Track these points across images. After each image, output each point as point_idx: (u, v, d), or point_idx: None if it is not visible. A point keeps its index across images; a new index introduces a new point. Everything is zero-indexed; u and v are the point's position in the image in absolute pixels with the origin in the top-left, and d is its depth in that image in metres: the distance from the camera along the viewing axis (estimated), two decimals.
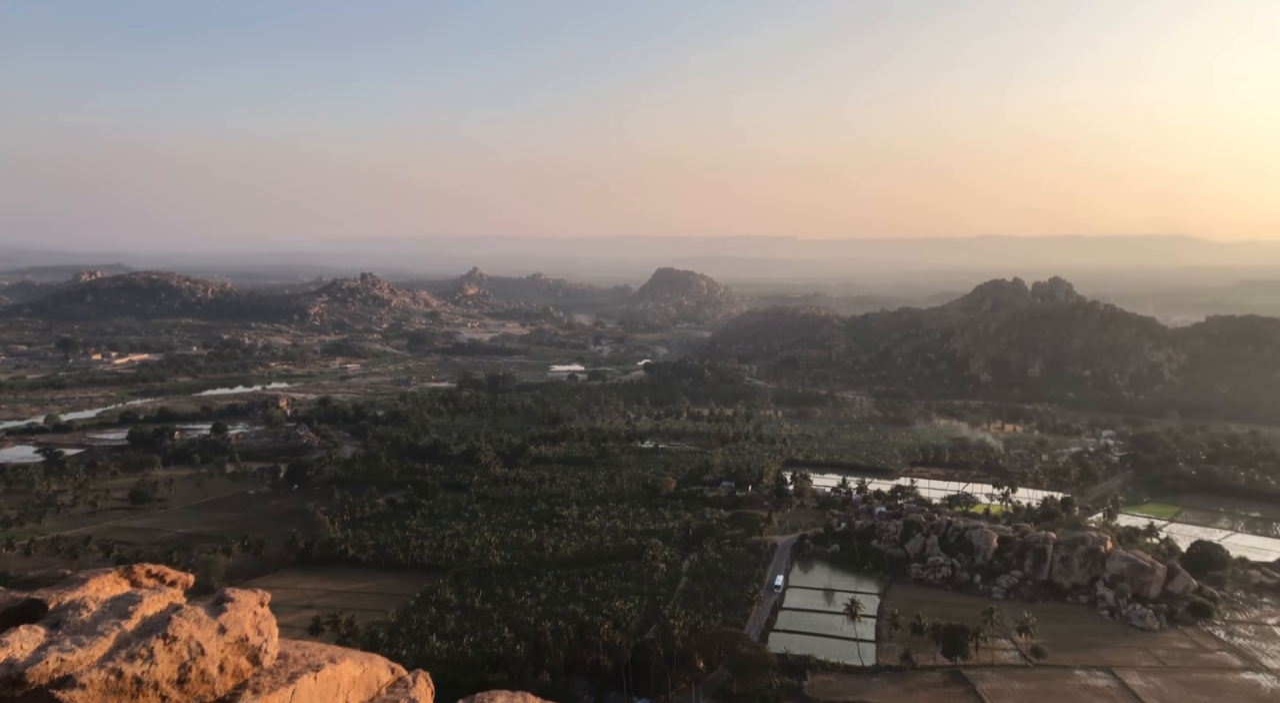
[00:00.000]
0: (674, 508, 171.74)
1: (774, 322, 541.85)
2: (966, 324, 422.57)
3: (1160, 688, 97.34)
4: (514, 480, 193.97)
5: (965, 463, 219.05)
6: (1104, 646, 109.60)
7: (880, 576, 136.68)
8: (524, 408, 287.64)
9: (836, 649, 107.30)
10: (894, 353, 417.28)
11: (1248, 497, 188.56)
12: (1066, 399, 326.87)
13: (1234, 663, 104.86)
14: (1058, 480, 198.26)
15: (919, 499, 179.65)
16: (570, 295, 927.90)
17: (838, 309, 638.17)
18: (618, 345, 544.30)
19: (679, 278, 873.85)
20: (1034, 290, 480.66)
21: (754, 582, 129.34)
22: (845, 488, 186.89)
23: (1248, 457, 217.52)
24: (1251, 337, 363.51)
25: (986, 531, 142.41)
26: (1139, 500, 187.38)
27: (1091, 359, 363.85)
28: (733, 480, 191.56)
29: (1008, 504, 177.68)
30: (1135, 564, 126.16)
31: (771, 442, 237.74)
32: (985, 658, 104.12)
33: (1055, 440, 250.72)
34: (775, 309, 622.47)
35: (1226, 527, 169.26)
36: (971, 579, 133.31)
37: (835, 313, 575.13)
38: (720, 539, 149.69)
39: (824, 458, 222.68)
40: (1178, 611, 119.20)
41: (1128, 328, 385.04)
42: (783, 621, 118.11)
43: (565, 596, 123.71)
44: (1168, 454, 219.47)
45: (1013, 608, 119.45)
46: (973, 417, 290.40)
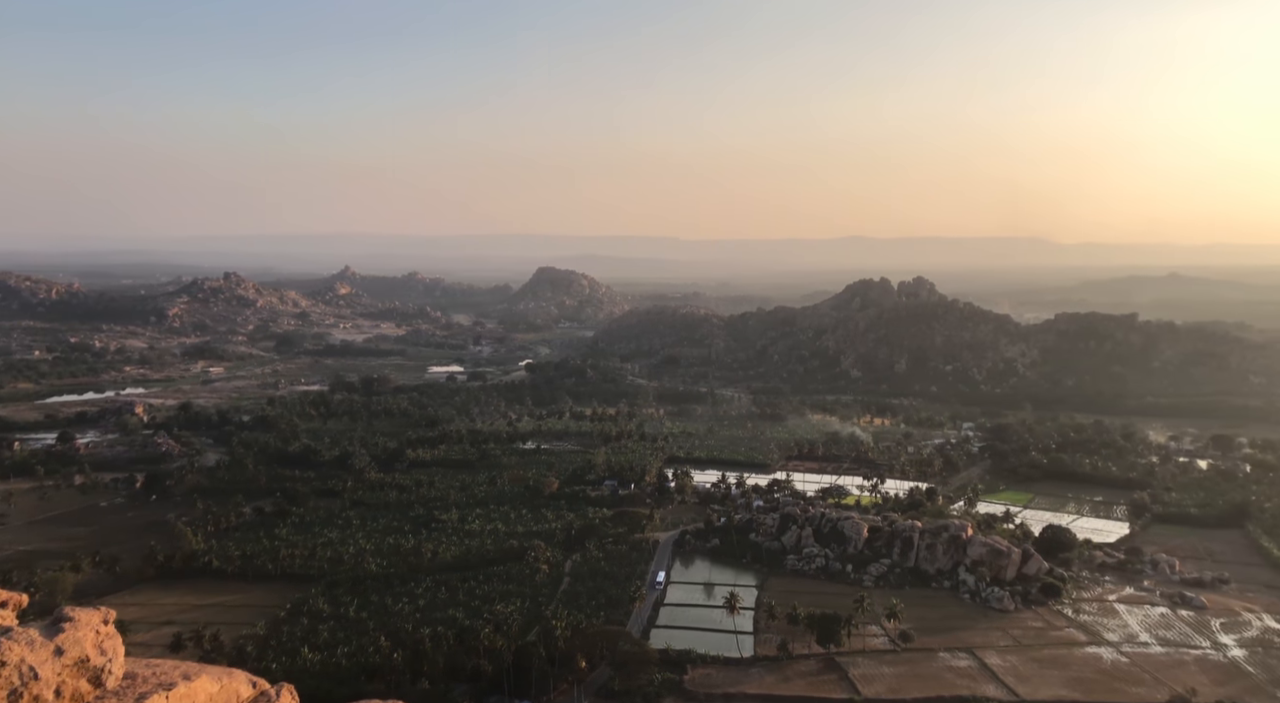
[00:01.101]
0: (557, 509, 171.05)
1: (655, 321, 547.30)
2: (837, 322, 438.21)
3: (1015, 666, 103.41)
4: (390, 485, 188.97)
5: (838, 456, 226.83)
6: (966, 628, 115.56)
7: (758, 568, 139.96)
8: (400, 411, 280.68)
9: (716, 642, 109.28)
10: (770, 351, 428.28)
11: (1092, 482, 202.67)
12: (930, 393, 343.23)
13: (1080, 638, 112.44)
14: (923, 471, 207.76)
15: (795, 493, 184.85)
16: (448, 295, 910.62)
17: (716, 308, 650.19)
18: (498, 346, 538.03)
19: (561, 277, 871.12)
20: (899, 289, 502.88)
21: (636, 580, 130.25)
22: (725, 483, 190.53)
23: (1092, 445, 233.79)
24: (1094, 333, 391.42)
25: (858, 521, 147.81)
26: (996, 488, 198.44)
27: (952, 355, 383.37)
28: (616, 479, 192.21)
29: (877, 495, 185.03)
30: (993, 549, 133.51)
31: (654, 440, 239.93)
32: (857, 645, 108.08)
33: (920, 433, 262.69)
34: (656, 308, 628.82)
35: (1074, 511, 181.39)
36: (844, 568, 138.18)
37: (714, 312, 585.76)
38: (603, 538, 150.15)
39: (704, 455, 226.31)
40: (1031, 592, 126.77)
41: (985, 325, 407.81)
42: (664, 616, 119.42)
43: (445, 601, 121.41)
44: (1022, 444, 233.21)
45: (882, 595, 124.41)
46: (844, 411, 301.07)
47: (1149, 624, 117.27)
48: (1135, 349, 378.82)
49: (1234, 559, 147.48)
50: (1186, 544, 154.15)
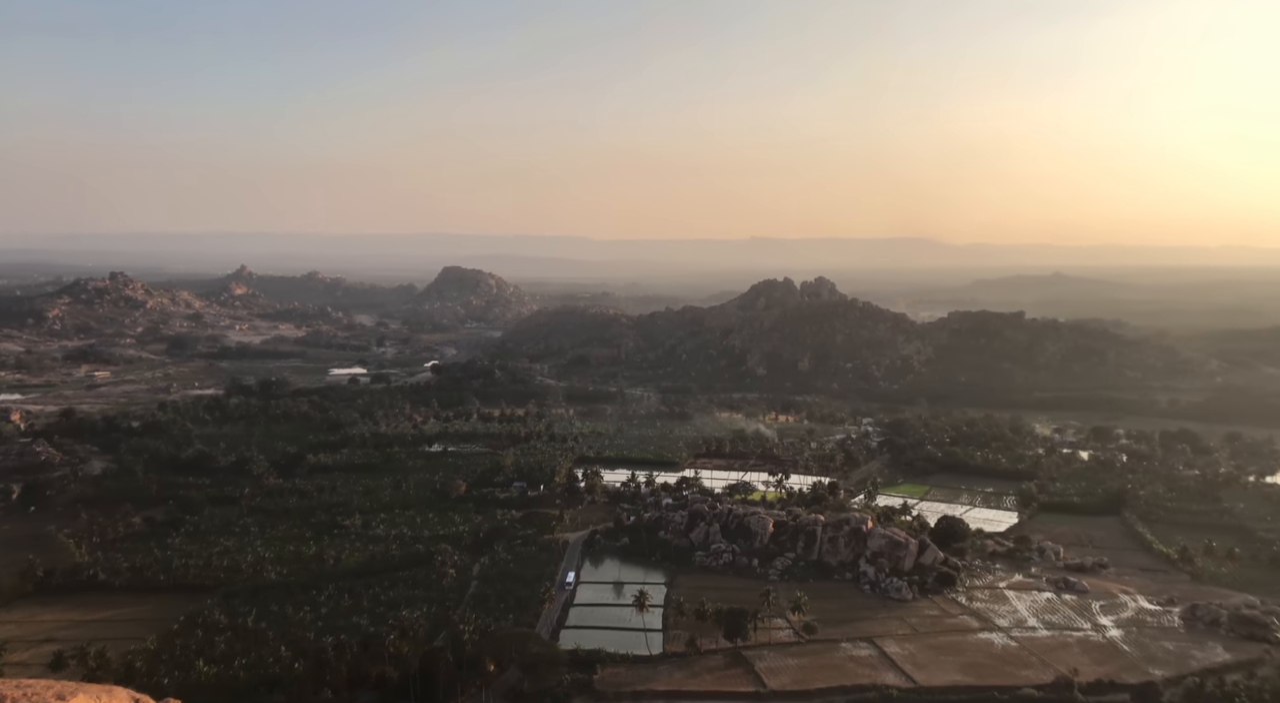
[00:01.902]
0: (464, 512, 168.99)
1: (565, 321, 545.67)
2: (744, 322, 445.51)
3: (913, 653, 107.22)
4: (291, 491, 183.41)
5: (744, 453, 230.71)
6: (866, 618, 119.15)
7: (668, 566, 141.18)
8: (301, 414, 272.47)
9: (626, 641, 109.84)
10: (679, 350, 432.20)
11: (983, 474, 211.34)
12: (832, 390, 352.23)
13: (973, 625, 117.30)
14: (825, 466, 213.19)
15: (703, 490, 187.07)
16: (350, 295, 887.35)
17: (626, 308, 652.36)
18: (403, 347, 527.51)
19: (467, 277, 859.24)
20: (802, 289, 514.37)
21: (546, 581, 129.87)
22: (635, 482, 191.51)
23: (983, 438, 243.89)
24: (984, 330, 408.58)
25: (763, 516, 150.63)
26: (894, 482, 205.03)
27: (853, 353, 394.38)
28: (525, 481, 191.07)
29: (782, 491, 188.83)
30: (892, 541, 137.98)
31: (563, 440, 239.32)
32: (763, 638, 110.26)
33: (823, 429, 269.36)
34: (566, 308, 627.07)
35: (967, 502, 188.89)
36: (750, 563, 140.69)
37: (624, 312, 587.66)
38: (512, 540, 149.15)
39: (614, 454, 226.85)
40: (928, 581, 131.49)
41: (883, 324, 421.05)
42: (574, 617, 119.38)
43: (349, 609, 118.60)
44: (918, 439, 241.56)
45: (787, 588, 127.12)
46: (750, 409, 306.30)
47: (1036, 609, 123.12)
48: (1022, 346, 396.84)
49: (1112, 545, 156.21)
50: (1069, 532, 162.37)
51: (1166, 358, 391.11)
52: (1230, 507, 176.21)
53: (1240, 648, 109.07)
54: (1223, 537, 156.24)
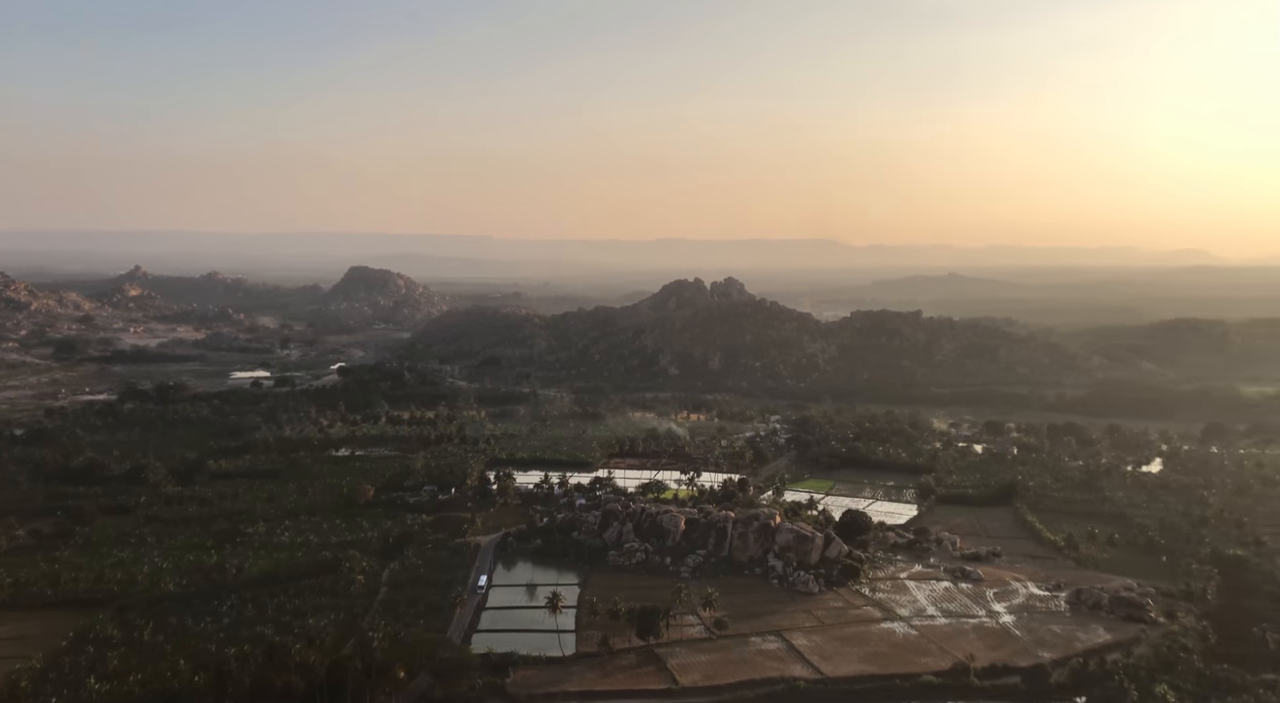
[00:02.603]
0: (373, 517, 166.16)
1: (476, 321, 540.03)
2: (655, 322, 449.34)
3: (820, 645, 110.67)
4: (190, 499, 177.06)
5: (657, 452, 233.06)
6: (775, 612, 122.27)
7: (581, 566, 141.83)
8: (200, 419, 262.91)
9: (539, 643, 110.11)
10: (592, 350, 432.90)
11: (885, 468, 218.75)
12: (742, 388, 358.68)
13: (876, 615, 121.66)
14: (735, 463, 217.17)
15: (616, 489, 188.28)
16: (252, 296, 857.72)
17: (538, 309, 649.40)
18: (308, 349, 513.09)
19: (375, 277, 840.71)
20: (712, 289, 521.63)
21: (458, 585, 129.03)
22: (548, 483, 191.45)
23: (884, 434, 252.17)
24: (885, 329, 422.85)
25: (676, 514, 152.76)
26: (801, 477, 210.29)
27: (761, 351, 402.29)
28: (436, 484, 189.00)
29: (693, 488, 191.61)
30: (799, 535, 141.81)
31: (475, 442, 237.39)
32: (675, 635, 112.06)
33: (733, 427, 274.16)
34: (477, 309, 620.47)
35: (870, 496, 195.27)
36: (663, 561, 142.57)
37: (536, 312, 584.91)
38: (423, 545, 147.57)
39: (527, 455, 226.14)
40: (833, 573, 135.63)
41: (789, 323, 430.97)
42: (486, 620, 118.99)
43: (252, 619, 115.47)
44: (823, 435, 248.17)
45: (699, 585, 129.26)
46: (662, 408, 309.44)
47: (935, 598, 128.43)
48: (920, 344, 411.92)
49: (1004, 534, 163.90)
50: (965, 522, 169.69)
51: (1053, 355, 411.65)
52: (1110, 495, 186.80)
53: (1120, 629, 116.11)
54: (1104, 524, 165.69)
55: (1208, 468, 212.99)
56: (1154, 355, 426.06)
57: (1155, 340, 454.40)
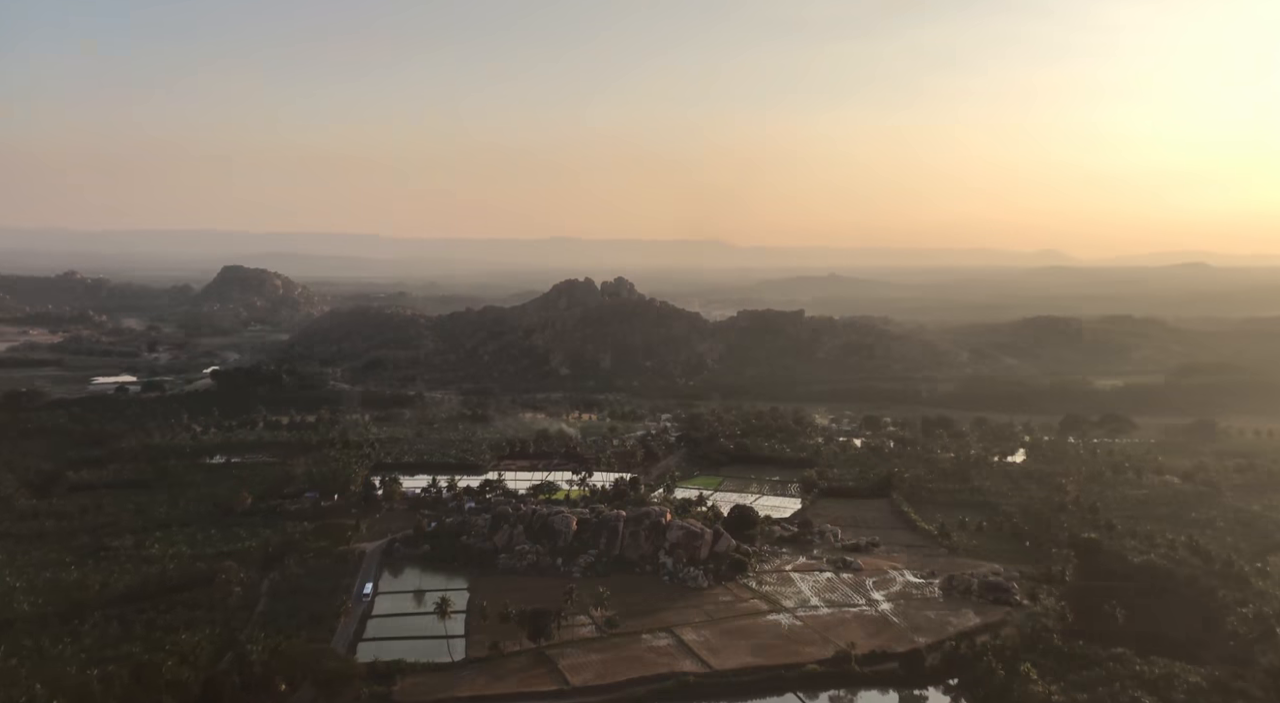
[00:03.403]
0: (251, 526, 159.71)
1: (359, 322, 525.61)
2: (546, 322, 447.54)
3: (709, 639, 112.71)
4: (47, 513, 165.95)
5: (548, 453, 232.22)
6: (665, 608, 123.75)
7: (471, 570, 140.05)
8: (59, 428, 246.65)
9: (428, 649, 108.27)
10: (481, 351, 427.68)
11: (771, 463, 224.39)
12: (633, 388, 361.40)
13: (763, 608, 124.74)
14: (626, 462, 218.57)
15: (507, 492, 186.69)
16: (116, 297, 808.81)
17: (424, 309, 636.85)
18: (178, 352, 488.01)
19: (250, 277, 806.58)
20: (603, 289, 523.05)
21: (342, 593, 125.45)
22: (436, 487, 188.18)
23: (770, 430, 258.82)
24: (770, 328, 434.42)
25: (567, 515, 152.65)
26: (691, 474, 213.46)
27: (652, 351, 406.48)
28: (317, 490, 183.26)
29: (585, 488, 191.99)
30: (689, 532, 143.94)
31: (359, 447, 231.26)
32: (567, 636, 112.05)
33: (624, 426, 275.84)
34: (360, 309, 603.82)
35: (756, 491, 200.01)
36: (555, 562, 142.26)
37: (422, 313, 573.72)
38: (305, 553, 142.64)
39: (414, 459, 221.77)
40: (722, 568, 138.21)
41: (679, 322, 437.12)
42: (372, 629, 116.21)
43: (118, 637, 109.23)
44: (712, 432, 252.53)
45: (591, 585, 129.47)
46: (553, 409, 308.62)
47: (818, 589, 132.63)
48: (803, 342, 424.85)
49: (882, 524, 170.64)
50: (846, 514, 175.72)
51: (926, 351, 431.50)
52: (979, 485, 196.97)
53: (988, 612, 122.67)
54: (973, 512, 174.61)
55: (1065, 457, 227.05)
56: (1016, 351, 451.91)
57: (1017, 337, 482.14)
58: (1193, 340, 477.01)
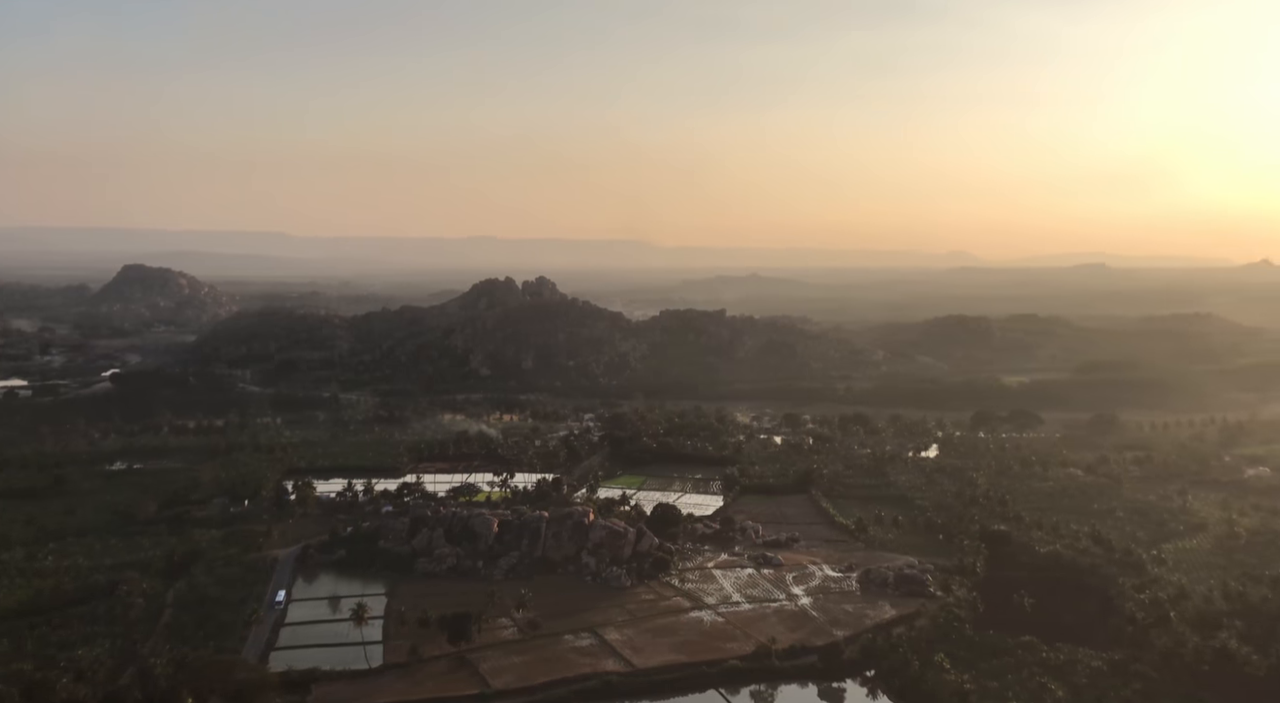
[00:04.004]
0: (155, 534, 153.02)
1: (270, 323, 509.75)
2: (466, 321, 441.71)
3: (632, 638, 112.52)
4: None
5: (468, 455, 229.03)
6: (588, 609, 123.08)
7: (389, 575, 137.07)
8: None
9: (344, 656, 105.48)
10: (398, 352, 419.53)
11: (693, 462, 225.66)
12: (555, 388, 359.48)
13: (685, 605, 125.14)
14: (549, 463, 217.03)
15: (425, 494, 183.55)
16: (4, 297, 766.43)
17: (339, 309, 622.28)
18: (74, 355, 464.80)
19: (152, 276, 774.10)
20: (524, 289, 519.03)
21: (253, 602, 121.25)
22: (352, 491, 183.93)
23: (692, 428, 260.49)
24: (692, 327, 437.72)
25: (488, 517, 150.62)
26: (614, 474, 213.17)
27: (574, 351, 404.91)
28: (227, 496, 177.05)
29: (507, 490, 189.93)
30: (612, 531, 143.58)
31: (271, 450, 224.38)
32: (488, 639, 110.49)
33: (546, 426, 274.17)
34: (271, 309, 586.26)
35: (679, 489, 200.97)
36: (476, 565, 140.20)
37: (336, 313, 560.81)
38: (213, 562, 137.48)
39: (329, 463, 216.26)
40: (645, 567, 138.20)
41: (602, 322, 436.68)
42: (286, 637, 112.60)
43: (8, 655, 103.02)
44: (635, 432, 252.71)
45: (512, 587, 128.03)
46: (474, 410, 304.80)
47: (740, 585, 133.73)
48: (724, 341, 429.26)
49: (802, 520, 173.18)
50: (767, 510, 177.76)
51: (843, 350, 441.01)
52: (895, 480, 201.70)
53: (904, 604, 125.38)
54: (889, 507, 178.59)
55: (976, 452, 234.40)
56: (929, 350, 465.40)
57: (930, 336, 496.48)
58: (1094, 338, 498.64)
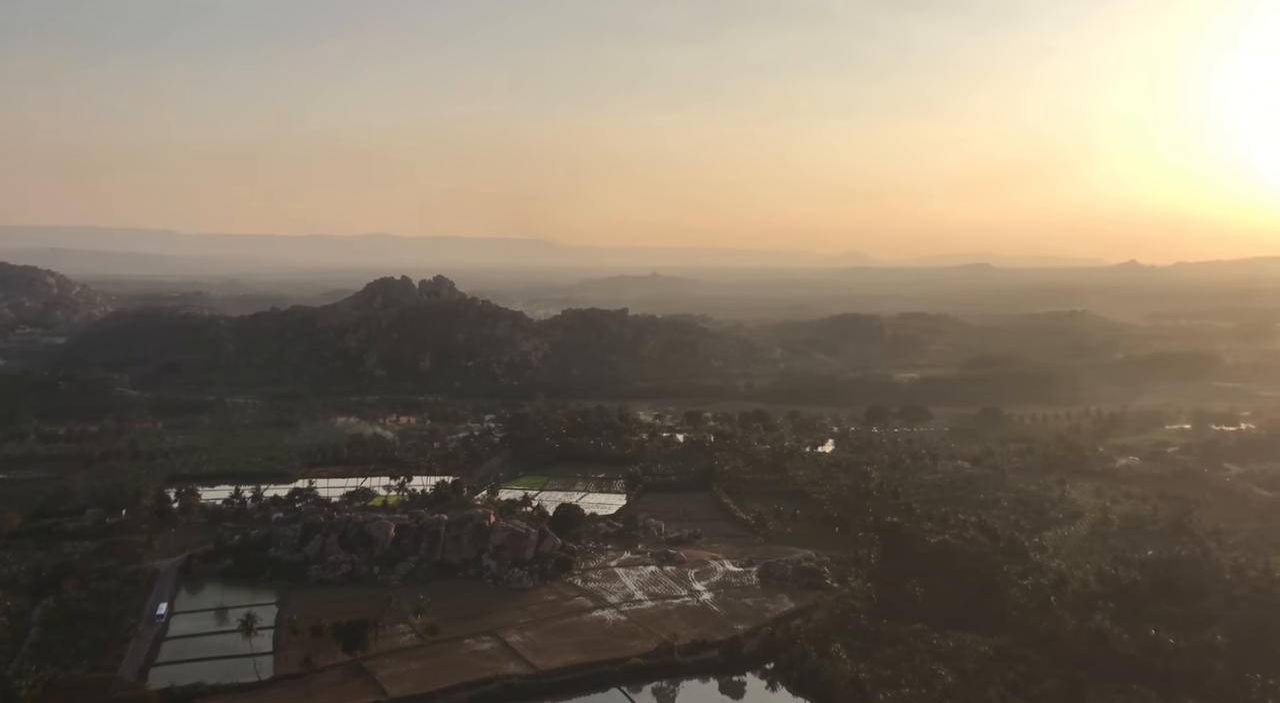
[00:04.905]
0: (20, 548, 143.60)
1: (150, 324, 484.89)
2: (360, 322, 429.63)
3: (534, 640, 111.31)
4: None
5: (363, 458, 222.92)
6: (490, 612, 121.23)
7: (280, 584, 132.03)
8: None
9: (232, 669, 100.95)
10: (289, 353, 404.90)
11: (597, 461, 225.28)
12: (454, 389, 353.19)
13: (588, 605, 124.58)
14: (448, 465, 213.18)
15: (318, 500, 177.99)
16: None
17: (225, 309, 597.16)
18: None
19: (16, 275, 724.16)
20: (421, 288, 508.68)
21: (131, 616, 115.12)
22: (240, 498, 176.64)
23: (595, 427, 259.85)
24: (594, 327, 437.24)
25: (384, 521, 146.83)
26: (516, 475, 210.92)
27: (474, 351, 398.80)
28: (101, 506, 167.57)
29: (404, 493, 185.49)
30: (513, 533, 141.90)
31: (151, 457, 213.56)
32: (385, 646, 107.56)
33: (445, 428, 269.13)
34: (151, 310, 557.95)
35: (582, 489, 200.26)
36: (371, 571, 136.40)
37: (222, 313, 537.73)
38: (87, 575, 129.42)
39: (215, 469, 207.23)
40: (547, 568, 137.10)
41: (502, 321, 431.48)
42: (167, 652, 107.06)
43: None
44: (537, 432, 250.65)
45: (411, 592, 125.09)
46: (369, 412, 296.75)
47: (642, 583, 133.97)
48: (627, 340, 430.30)
49: (704, 516, 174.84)
50: (670, 508, 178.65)
51: (743, 348, 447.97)
52: (793, 475, 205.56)
53: (802, 596, 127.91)
54: (788, 501, 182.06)
55: (870, 446, 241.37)
56: (825, 347, 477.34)
57: (826, 334, 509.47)
58: (979, 335, 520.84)
